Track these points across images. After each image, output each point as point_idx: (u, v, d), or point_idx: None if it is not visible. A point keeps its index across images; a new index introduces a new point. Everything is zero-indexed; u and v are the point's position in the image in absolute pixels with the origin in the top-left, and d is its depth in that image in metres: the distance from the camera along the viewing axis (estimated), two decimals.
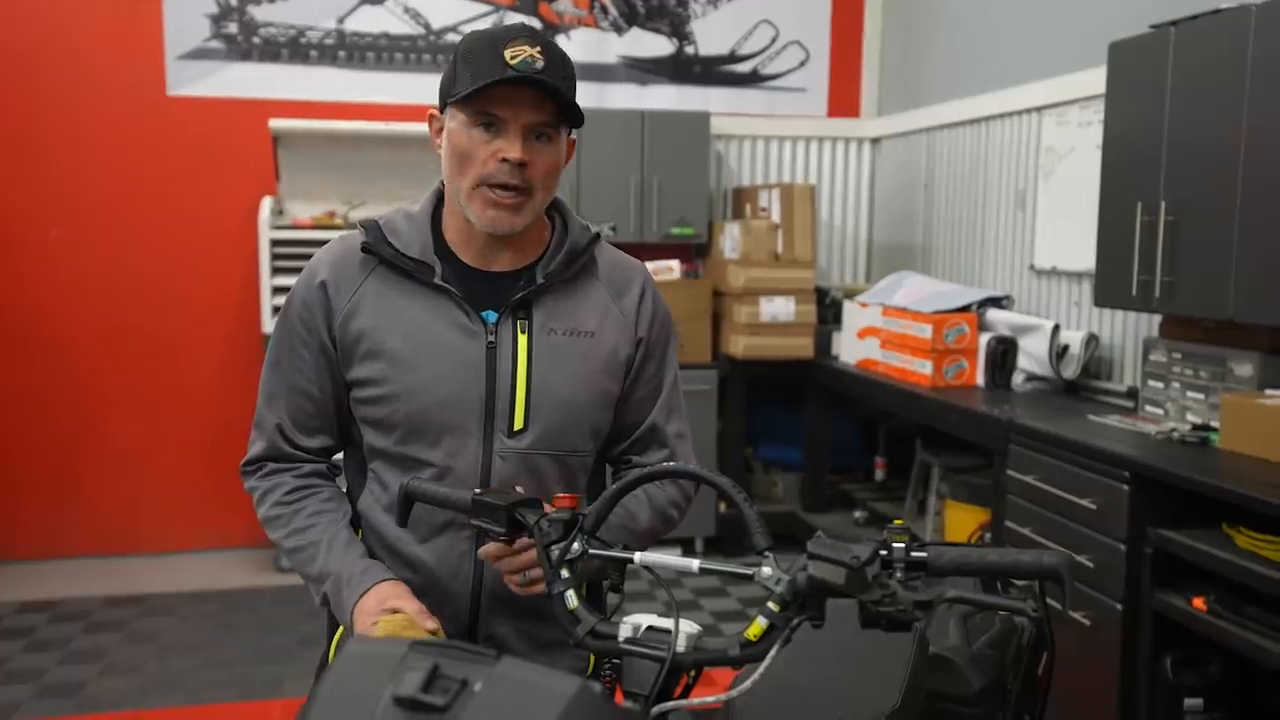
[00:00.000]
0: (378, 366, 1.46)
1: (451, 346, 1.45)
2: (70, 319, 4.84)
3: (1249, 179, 2.75)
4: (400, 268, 1.47)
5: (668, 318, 1.61)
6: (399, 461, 1.47)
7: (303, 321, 1.50)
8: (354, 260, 1.49)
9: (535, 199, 1.43)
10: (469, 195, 1.43)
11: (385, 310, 1.46)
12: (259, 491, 1.53)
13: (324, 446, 1.54)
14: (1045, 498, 3.11)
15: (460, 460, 1.45)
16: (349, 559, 1.44)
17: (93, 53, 4.77)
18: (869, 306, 4.57)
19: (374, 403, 1.47)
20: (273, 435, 1.52)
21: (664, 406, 1.58)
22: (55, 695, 3.53)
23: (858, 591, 0.99)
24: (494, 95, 1.37)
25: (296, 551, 1.48)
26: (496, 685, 0.77)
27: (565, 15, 5.26)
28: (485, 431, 1.45)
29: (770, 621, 1.06)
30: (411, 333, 1.45)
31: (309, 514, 1.48)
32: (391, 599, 1.37)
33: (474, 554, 1.45)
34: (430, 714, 0.75)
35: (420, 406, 1.44)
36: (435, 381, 1.44)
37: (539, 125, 1.40)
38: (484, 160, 1.40)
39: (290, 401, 1.51)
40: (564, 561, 1.16)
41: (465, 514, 1.26)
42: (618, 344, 1.53)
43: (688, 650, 1.06)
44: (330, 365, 1.50)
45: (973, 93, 4.65)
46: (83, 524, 4.90)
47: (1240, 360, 2.98)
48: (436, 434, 1.45)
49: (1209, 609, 2.63)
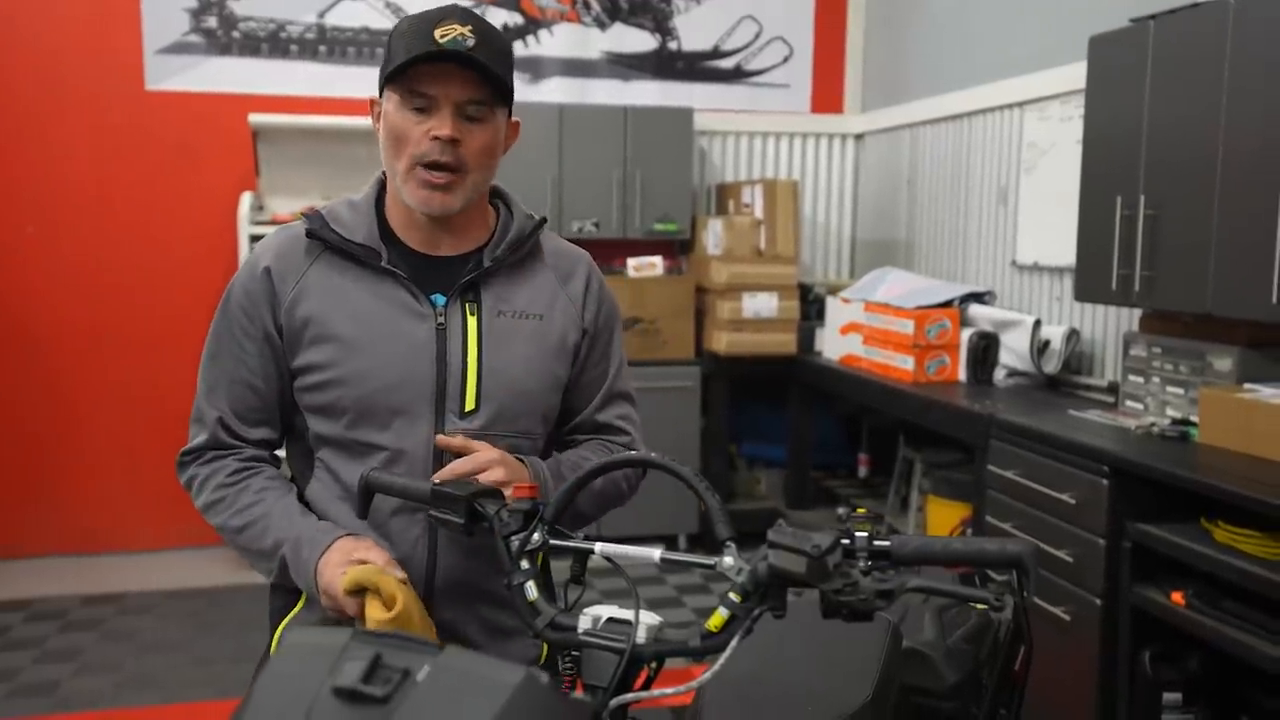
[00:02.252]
0: (326, 351, 1.44)
1: (400, 329, 1.44)
2: (46, 316, 4.80)
3: (1227, 173, 2.74)
4: (346, 252, 1.46)
5: (613, 305, 1.62)
6: (348, 447, 1.46)
7: (245, 311, 1.48)
8: (299, 247, 1.48)
9: (469, 179, 1.43)
10: (404, 177, 1.43)
11: (332, 295, 1.46)
12: (199, 478, 1.50)
13: (266, 438, 1.53)
14: (1026, 493, 3.10)
15: (411, 443, 1.44)
16: (305, 523, 1.42)
17: (70, 47, 4.72)
18: (851, 302, 4.55)
19: (322, 388, 1.45)
20: (214, 428, 1.50)
21: (608, 393, 1.59)
22: (29, 695, 3.49)
23: (818, 581, 0.97)
24: (423, 73, 1.38)
25: (244, 529, 1.45)
26: (439, 675, 0.75)
27: (548, 10, 5.23)
28: (436, 414, 1.44)
29: (731, 612, 1.04)
30: (359, 316, 1.44)
31: (255, 490, 1.46)
32: (358, 550, 1.36)
33: (427, 540, 1.44)
34: (370, 705, 0.73)
35: (369, 390, 1.43)
36: (385, 364, 1.43)
37: (469, 103, 1.40)
38: (417, 140, 1.40)
39: (231, 393, 1.49)
40: (524, 552, 1.14)
41: (425, 504, 1.24)
42: (566, 329, 1.53)
43: (648, 642, 1.05)
44: (274, 355, 1.48)
45: (955, 88, 4.65)
46: (58, 522, 4.85)
47: (1219, 355, 2.98)
48: (387, 417, 1.43)
49: (1188, 604, 2.62)
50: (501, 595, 1.44)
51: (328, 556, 1.37)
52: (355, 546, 1.37)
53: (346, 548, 1.37)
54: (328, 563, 1.36)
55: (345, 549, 1.37)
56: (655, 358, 4.86)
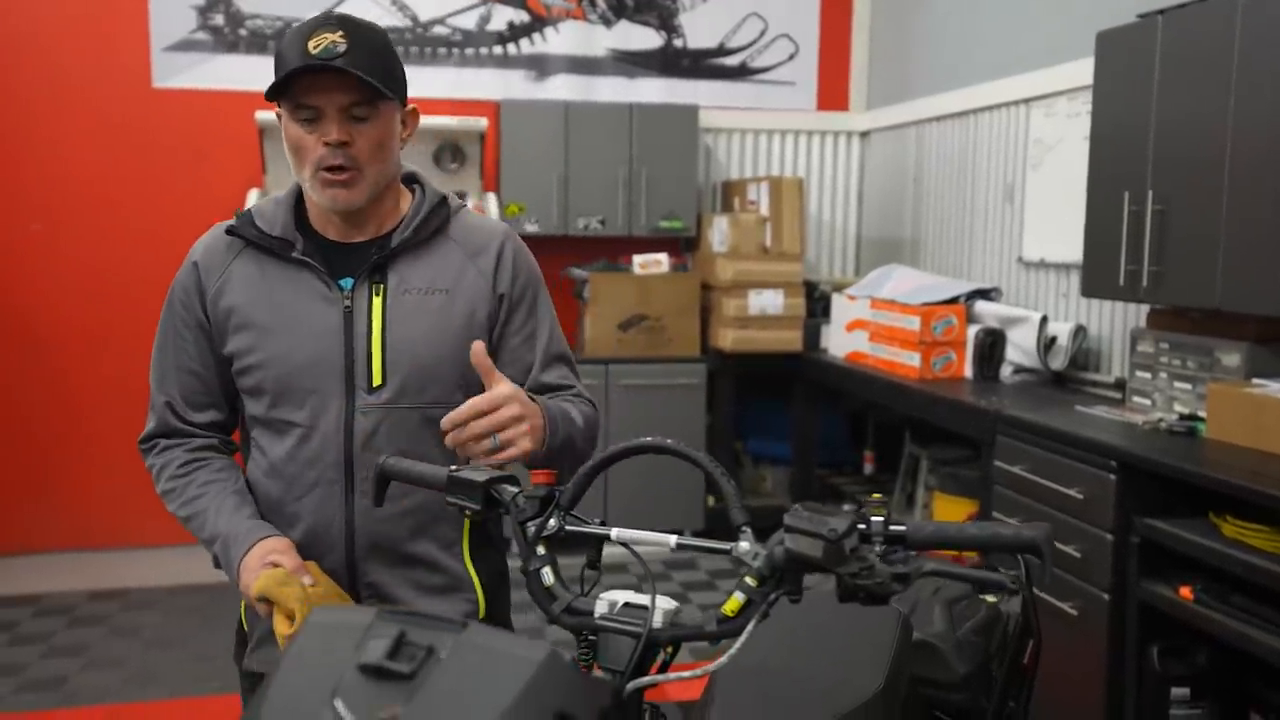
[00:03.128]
0: (247, 338, 1.55)
1: (311, 314, 1.54)
2: (52, 313, 4.80)
3: (1235, 168, 2.74)
4: (264, 246, 1.56)
5: (532, 272, 1.66)
6: (271, 425, 1.57)
7: (182, 304, 1.60)
8: (222, 243, 1.60)
9: (367, 174, 1.50)
10: (310, 184, 1.51)
11: (251, 286, 1.56)
12: (155, 468, 1.62)
13: (213, 421, 1.63)
14: (1032, 488, 3.10)
15: (324, 419, 1.53)
16: (235, 520, 1.51)
17: (78, 45, 4.73)
18: (857, 299, 4.56)
19: (246, 372, 1.57)
20: (163, 413, 1.61)
21: (543, 358, 1.64)
22: (38, 689, 3.50)
23: (835, 565, 0.98)
24: (304, 86, 1.44)
25: (190, 520, 1.56)
26: (463, 652, 0.75)
27: (553, 8, 5.24)
28: (346, 390, 1.54)
29: (747, 596, 1.05)
30: (275, 305, 1.55)
31: (200, 484, 1.57)
32: (272, 554, 1.44)
33: (346, 507, 1.54)
34: (396, 682, 0.74)
35: (284, 371, 1.54)
36: (296, 348, 1.54)
37: (352, 105, 1.46)
38: (312, 148, 1.47)
39: (178, 380, 1.60)
40: (540, 538, 1.14)
41: (441, 490, 1.25)
42: (474, 300, 1.59)
43: (664, 626, 1.05)
44: (209, 343, 1.59)
45: (961, 85, 4.65)
46: (63, 518, 4.86)
47: (1227, 350, 2.98)
48: (301, 396, 1.54)
49: (1196, 598, 2.63)
50: (424, 555, 1.57)
51: (247, 560, 1.46)
52: (271, 549, 1.46)
53: (264, 549, 1.46)
54: (246, 566, 1.45)
55: (263, 551, 1.45)
56: (660, 355, 4.86)
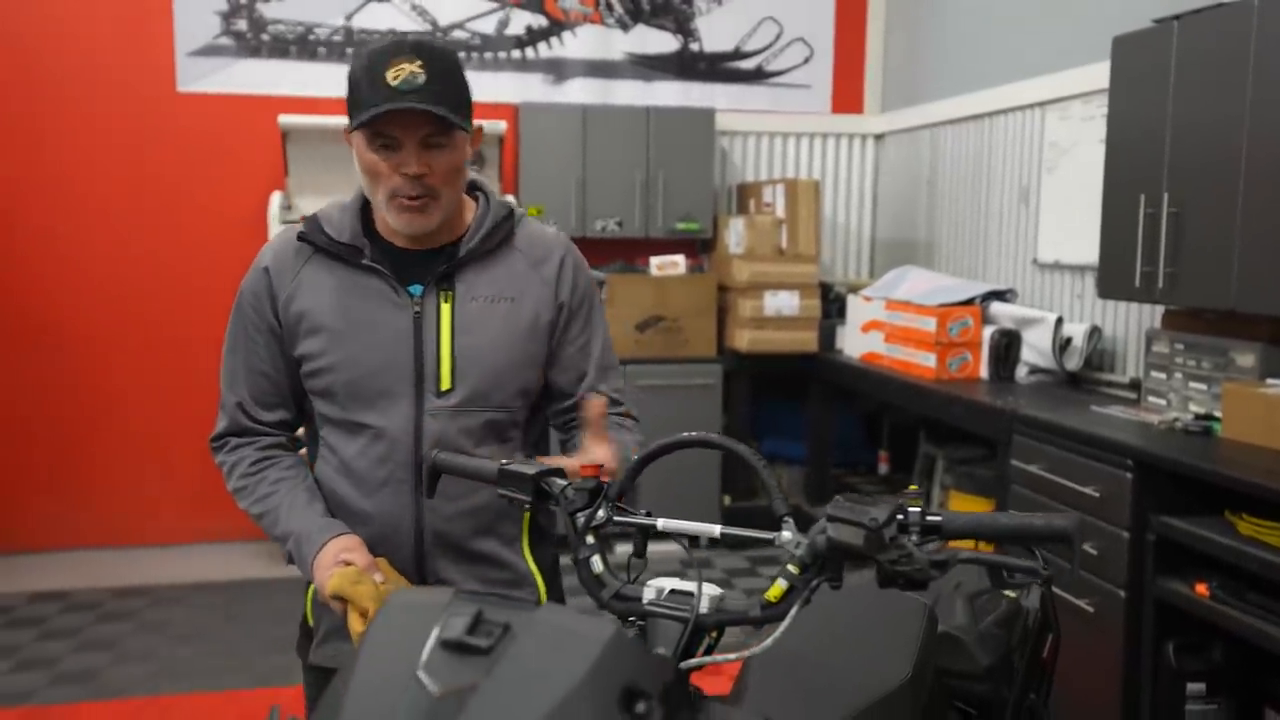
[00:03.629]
0: (319, 342, 1.60)
1: (381, 319, 1.58)
2: (81, 313, 4.88)
3: (1250, 170, 2.78)
4: (333, 252, 1.61)
5: (590, 285, 1.72)
6: (342, 426, 1.61)
7: (252, 308, 1.64)
8: (292, 249, 1.64)
9: (442, 199, 1.55)
10: (385, 206, 1.55)
11: (321, 291, 1.60)
12: (226, 466, 1.66)
13: (282, 420, 1.68)
14: (1049, 487, 3.14)
15: (394, 421, 1.58)
16: (308, 518, 1.56)
17: (103, 50, 4.80)
18: (873, 300, 4.60)
19: (317, 375, 1.61)
20: (234, 413, 1.66)
21: (598, 368, 1.69)
22: (70, 682, 3.57)
23: (875, 552, 1.03)
24: (383, 118, 1.47)
25: (262, 517, 1.61)
26: (537, 629, 0.81)
27: (571, 12, 5.30)
28: (416, 394, 1.58)
29: (790, 583, 1.10)
30: (345, 310, 1.59)
31: (271, 482, 1.61)
32: (344, 553, 1.48)
33: (415, 506, 1.59)
34: (475, 656, 0.79)
35: (355, 375, 1.58)
36: (368, 352, 1.58)
37: (430, 136, 1.50)
38: (388, 176, 1.52)
39: (248, 381, 1.65)
40: (589, 528, 1.20)
41: (491, 484, 1.30)
42: (539, 308, 1.64)
43: (710, 611, 1.10)
44: (280, 345, 1.63)
45: (976, 89, 4.69)
46: (90, 516, 4.93)
47: (1242, 350, 3.01)
48: (372, 399, 1.58)
49: (1211, 595, 2.67)
50: (488, 552, 1.62)
51: (320, 558, 1.50)
52: (344, 547, 1.51)
53: (337, 548, 1.50)
54: (320, 564, 1.50)
55: (335, 549, 1.50)
56: (677, 355, 4.91)
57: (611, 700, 0.77)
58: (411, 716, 0.77)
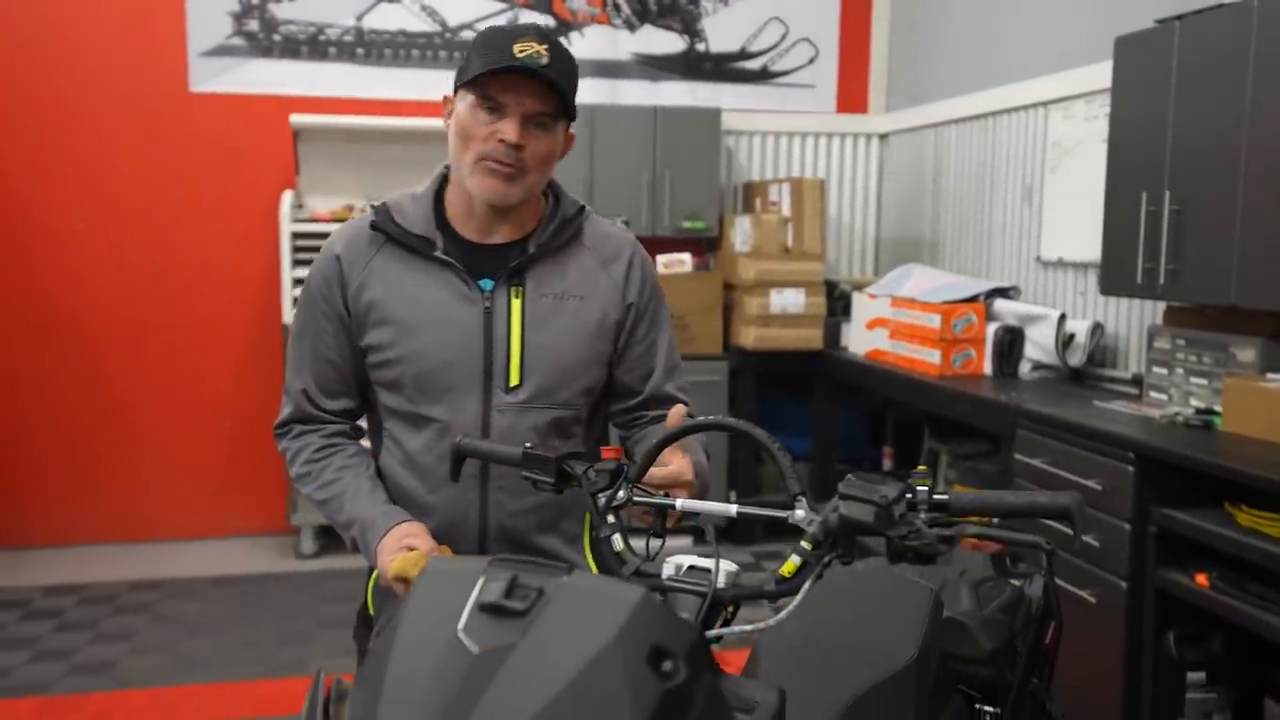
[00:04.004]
0: (387, 333, 1.60)
1: (451, 312, 1.59)
2: (94, 311, 4.94)
3: (1250, 168, 2.83)
4: (405, 243, 1.62)
5: (656, 285, 1.75)
6: (408, 418, 1.62)
7: (322, 295, 1.65)
8: (364, 238, 1.64)
9: (529, 178, 1.57)
10: (470, 169, 1.56)
11: (392, 282, 1.61)
12: (290, 452, 1.69)
13: (346, 409, 1.69)
14: (1052, 480, 3.19)
15: (462, 415, 1.59)
16: (372, 505, 1.58)
17: (116, 50, 4.86)
18: (877, 298, 4.65)
19: (384, 366, 1.62)
20: (299, 400, 1.67)
21: (665, 367, 1.72)
22: (87, 673, 3.63)
23: (885, 528, 1.08)
24: (499, 82, 1.51)
25: (326, 503, 1.63)
26: (569, 593, 0.86)
27: (579, 13, 5.35)
28: (484, 388, 1.60)
29: (803, 559, 1.15)
30: (415, 301, 1.60)
31: (335, 469, 1.64)
32: (408, 538, 1.51)
33: (480, 501, 1.61)
34: (512, 618, 0.84)
35: (424, 368, 1.59)
36: (437, 345, 1.59)
37: (537, 114, 1.53)
38: (484, 138, 1.53)
39: (314, 369, 1.66)
40: (610, 508, 1.25)
41: (516, 467, 1.35)
42: (607, 307, 1.66)
43: (728, 586, 1.15)
44: (348, 334, 1.64)
45: (980, 88, 4.74)
46: (103, 511, 4.99)
47: (1243, 346, 3.06)
48: (440, 392, 1.59)
49: (1211, 585, 2.71)
50: (550, 549, 1.63)
51: (384, 542, 1.53)
52: (407, 532, 1.53)
53: (401, 533, 1.53)
54: (383, 548, 1.52)
55: (399, 535, 1.53)
56: (683, 352, 4.86)
57: (640, 658, 0.82)
58: (452, 674, 0.82)
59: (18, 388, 4.89)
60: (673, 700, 0.82)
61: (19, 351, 4.87)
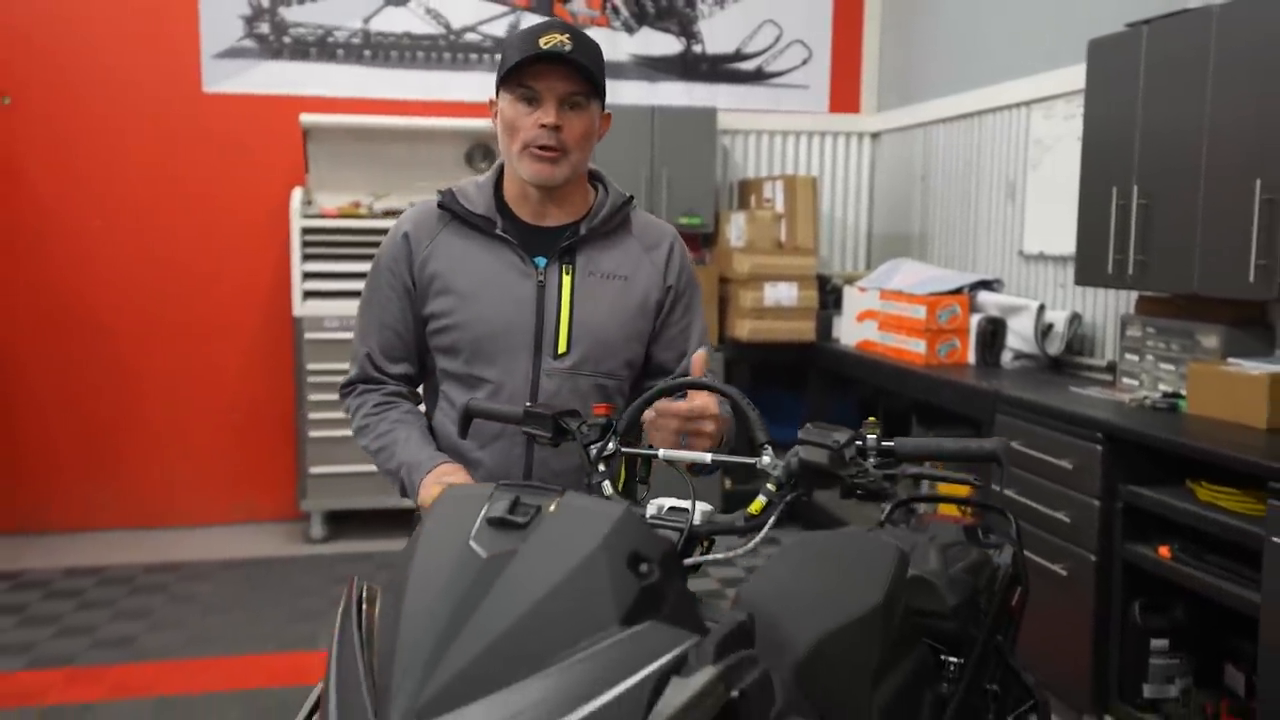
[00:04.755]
0: (448, 301, 1.79)
1: (507, 285, 1.78)
2: (110, 304, 5.11)
3: (1211, 165, 3.00)
4: (468, 222, 1.80)
5: (693, 273, 1.93)
6: (464, 380, 1.80)
7: (389, 269, 1.83)
8: (432, 217, 1.84)
9: (571, 157, 1.73)
10: (518, 157, 1.74)
11: (455, 256, 1.80)
12: (352, 408, 1.87)
13: (405, 374, 1.87)
14: (1028, 461, 3.35)
15: (512, 378, 1.77)
16: (419, 451, 1.76)
17: (132, 52, 5.04)
18: (867, 291, 4.82)
19: (444, 331, 1.79)
20: (363, 363, 1.86)
21: (697, 345, 1.89)
22: (109, 647, 3.80)
23: (838, 469, 1.25)
24: (530, 72, 1.69)
25: (380, 452, 1.79)
26: (563, 510, 1.03)
27: (579, 16, 5.52)
28: (534, 354, 1.77)
29: (768, 499, 1.32)
30: (475, 274, 1.78)
31: (391, 421, 1.82)
32: (448, 475, 1.68)
33: (526, 458, 1.77)
34: (514, 530, 1.01)
35: (481, 333, 1.77)
36: (493, 313, 1.77)
37: (570, 95, 1.70)
38: (527, 128, 1.71)
39: (379, 335, 1.85)
40: (601, 457, 1.42)
41: (517, 424, 1.53)
42: (649, 288, 1.84)
43: (703, 523, 1.32)
44: (411, 304, 1.82)
45: (966, 89, 4.90)
46: (118, 498, 5.17)
47: (1206, 333, 3.23)
48: (493, 356, 1.77)
49: (1174, 557, 2.88)
50: None
51: (427, 480, 1.70)
52: (447, 471, 1.70)
53: (441, 471, 1.70)
54: (425, 484, 1.69)
55: (440, 472, 1.70)
56: None
57: (621, 561, 0.99)
58: (465, 575, 0.99)
59: (38, 379, 5.06)
60: (648, 596, 0.99)
61: (40, 344, 5.05)
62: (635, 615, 0.97)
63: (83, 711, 3.30)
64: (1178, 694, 3.00)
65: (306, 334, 4.88)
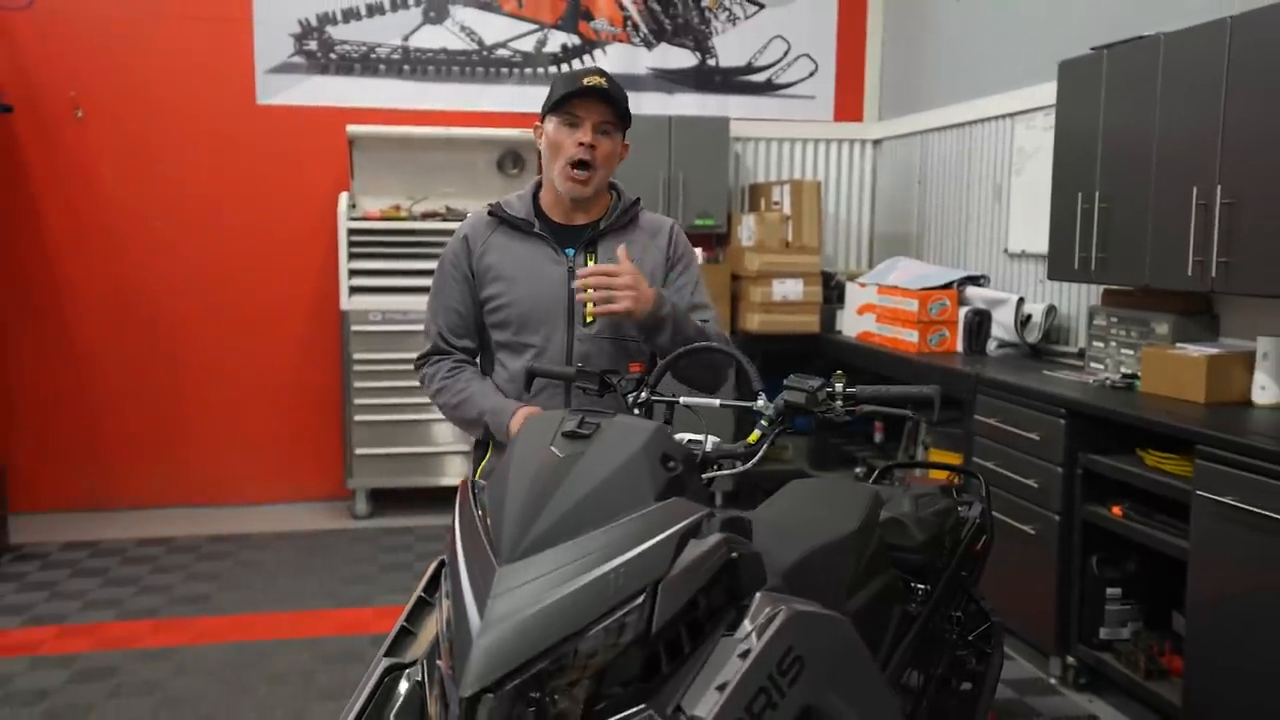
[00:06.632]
0: (500, 285, 2.29)
1: (545, 271, 2.28)
2: (174, 299, 5.59)
3: (1159, 173, 3.42)
4: (513, 224, 2.30)
5: (688, 245, 2.42)
6: (513, 347, 2.29)
7: (453, 264, 2.35)
8: (484, 223, 2.37)
9: (598, 173, 2.23)
10: (560, 173, 2.23)
11: (503, 251, 2.30)
12: (428, 376, 2.35)
13: (467, 347, 2.37)
14: (1004, 435, 3.78)
15: (552, 343, 2.26)
16: (498, 400, 2.26)
17: (192, 68, 5.51)
18: (866, 286, 5.25)
19: (498, 310, 2.29)
20: (435, 338, 2.36)
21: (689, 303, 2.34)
22: (186, 603, 4.27)
23: (813, 406, 1.70)
24: (574, 103, 2.18)
25: (459, 405, 2.28)
26: (615, 426, 1.47)
27: (601, 33, 5.98)
28: (568, 324, 2.26)
29: (762, 432, 1.76)
30: (519, 263, 2.29)
31: (465, 379, 2.32)
32: (529, 411, 2.15)
33: (565, 405, 2.23)
34: (582, 439, 1.46)
35: (526, 309, 2.27)
36: (535, 294, 2.27)
37: (602, 122, 2.21)
38: (568, 146, 2.21)
39: (445, 316, 2.35)
40: (636, 404, 1.87)
41: (570, 380, 1.98)
42: (654, 266, 2.33)
43: (713, 450, 1.76)
44: (470, 290, 2.33)
45: (959, 100, 5.33)
46: (181, 478, 5.64)
47: (1159, 321, 3.65)
48: (536, 326, 2.27)
49: (1125, 515, 3.31)
50: None
51: (516, 416, 2.18)
52: (530, 411, 2.18)
53: (525, 411, 2.18)
54: (516, 418, 2.17)
55: (525, 412, 2.18)
56: None
57: (655, 459, 1.43)
58: (547, 468, 1.44)
59: (111, 370, 5.54)
60: (674, 484, 1.44)
61: (112, 338, 5.53)
62: (665, 495, 1.42)
63: (172, 653, 3.77)
64: (1129, 636, 3.42)
65: (353, 326, 5.33)
